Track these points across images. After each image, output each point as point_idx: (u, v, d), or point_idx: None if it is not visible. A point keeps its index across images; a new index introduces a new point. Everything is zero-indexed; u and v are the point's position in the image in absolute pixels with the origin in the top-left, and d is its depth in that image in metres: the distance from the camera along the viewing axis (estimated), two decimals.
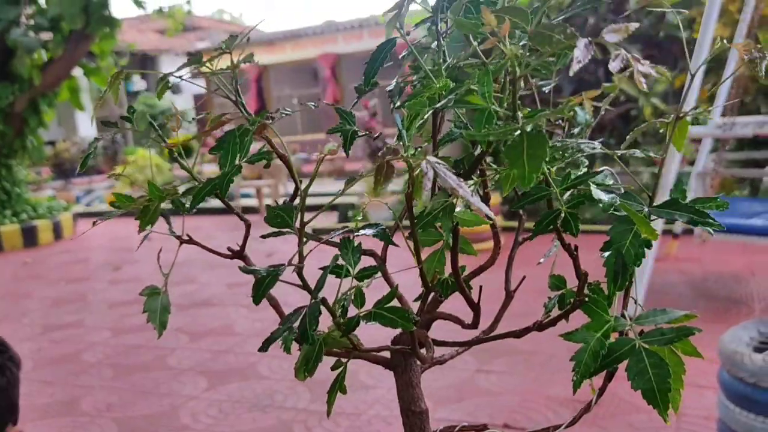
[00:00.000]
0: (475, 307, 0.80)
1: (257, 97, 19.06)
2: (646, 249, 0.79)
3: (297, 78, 19.53)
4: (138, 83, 19.13)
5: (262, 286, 0.74)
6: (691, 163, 5.67)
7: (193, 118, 1.11)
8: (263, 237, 0.88)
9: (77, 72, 10.69)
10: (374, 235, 0.80)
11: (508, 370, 3.90)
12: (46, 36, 9.94)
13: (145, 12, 10.99)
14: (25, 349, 5.05)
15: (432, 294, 0.84)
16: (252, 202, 11.04)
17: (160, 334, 0.81)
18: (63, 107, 12.48)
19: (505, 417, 3.33)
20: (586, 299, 0.75)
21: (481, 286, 1.01)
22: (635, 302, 0.84)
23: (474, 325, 0.82)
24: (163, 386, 4.15)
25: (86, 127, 16.70)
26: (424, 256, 0.87)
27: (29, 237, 9.84)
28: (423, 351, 0.74)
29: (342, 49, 17.96)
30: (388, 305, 0.73)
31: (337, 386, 0.78)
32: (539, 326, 0.80)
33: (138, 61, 18.83)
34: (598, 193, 0.73)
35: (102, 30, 9.72)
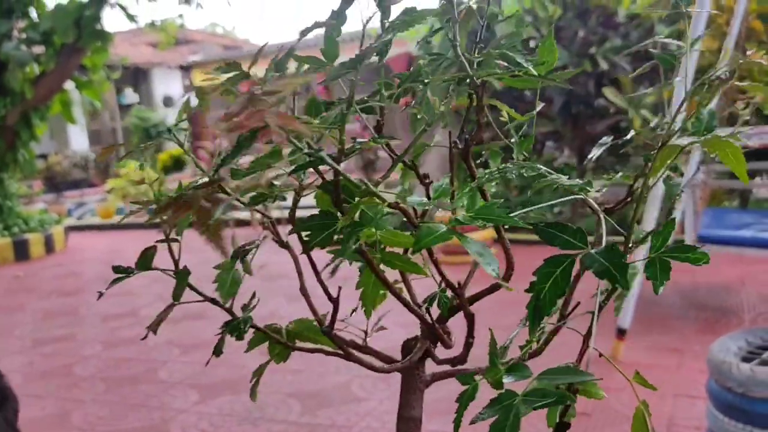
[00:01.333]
0: (468, 340, 0.82)
1: None
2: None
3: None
4: (130, 96, 19.15)
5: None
6: (681, 174, 5.71)
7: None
8: None
9: (69, 85, 10.70)
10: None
11: None
12: (38, 49, 9.95)
13: (137, 26, 11.02)
14: (16, 363, 5.03)
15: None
16: (244, 214, 11.04)
17: (225, 301, 0.85)
18: (55, 120, 12.48)
19: None
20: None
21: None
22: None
23: (462, 359, 0.83)
24: (153, 399, 4.13)
25: (78, 140, 16.71)
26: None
27: (21, 250, 9.81)
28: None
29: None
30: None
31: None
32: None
33: (130, 74, 18.85)
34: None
35: (94, 43, 9.74)
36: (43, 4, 10.02)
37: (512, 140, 0.95)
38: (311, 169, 0.79)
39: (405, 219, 0.77)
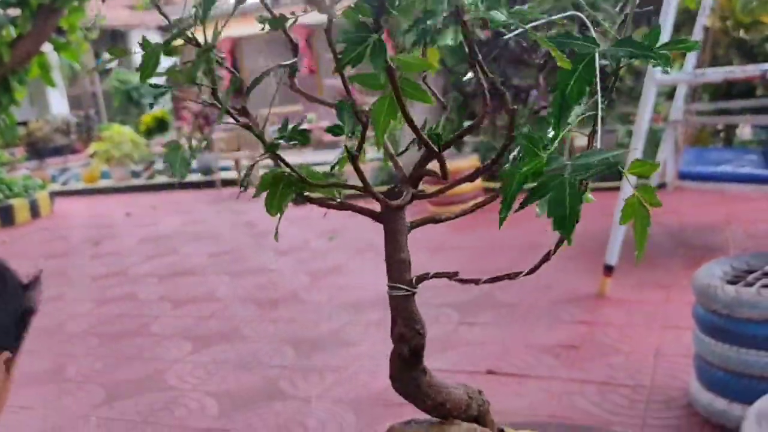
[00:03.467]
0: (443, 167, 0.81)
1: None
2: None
3: (271, 50, 19.33)
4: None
5: None
6: (665, 119, 5.72)
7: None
8: None
9: (47, 48, 10.50)
10: None
11: (490, 322, 3.96)
12: (14, 12, 9.73)
13: None
14: None
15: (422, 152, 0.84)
16: (231, 175, 10.99)
17: (180, 179, 0.84)
18: (34, 87, 12.28)
19: (489, 364, 3.38)
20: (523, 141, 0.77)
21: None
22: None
23: (443, 176, 0.82)
24: (147, 352, 4.16)
25: (58, 105, 16.47)
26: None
27: (6, 216, 9.74)
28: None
29: (317, 19, 17.73)
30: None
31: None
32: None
33: (108, 36, 18.51)
34: None
35: (71, 4, 9.54)
36: None
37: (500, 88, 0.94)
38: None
39: None
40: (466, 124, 0.87)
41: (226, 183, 10.75)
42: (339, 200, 0.58)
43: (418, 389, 0.62)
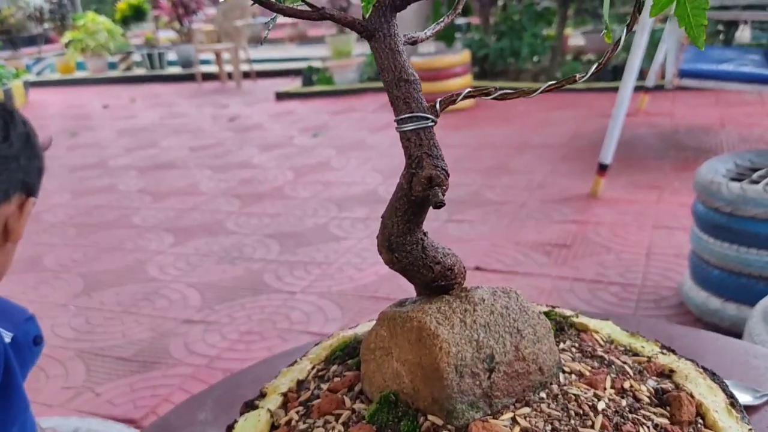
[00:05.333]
0: None
1: None
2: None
3: None
4: None
5: None
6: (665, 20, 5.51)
7: None
8: None
9: None
10: None
11: (478, 219, 3.88)
12: None
13: None
14: None
15: None
16: (212, 68, 10.63)
17: None
18: None
19: (477, 261, 3.32)
20: None
21: None
22: None
23: None
24: (128, 243, 4.06)
25: None
26: None
27: None
28: None
29: None
30: None
31: None
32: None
33: None
34: None
35: None
36: None
37: None
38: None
39: None
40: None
41: (207, 76, 10.41)
42: (318, 8, 0.44)
43: (424, 254, 0.51)
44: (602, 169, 3.92)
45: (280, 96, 8.54)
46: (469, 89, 0.47)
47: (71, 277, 3.62)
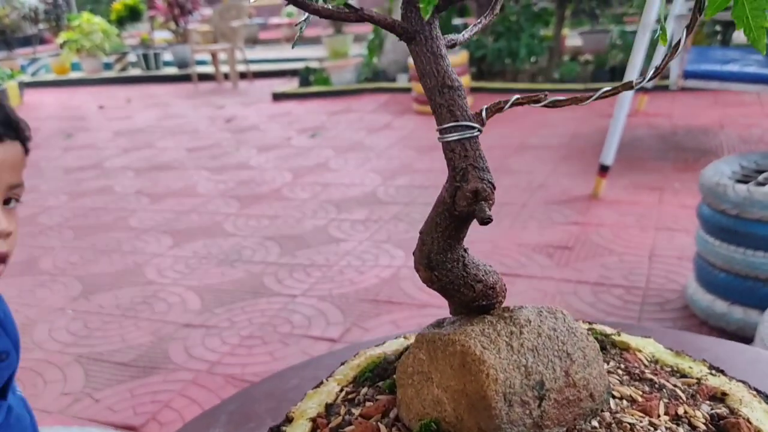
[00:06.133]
0: None
1: None
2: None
3: None
4: None
5: None
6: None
7: None
8: None
9: None
10: None
11: None
12: None
13: None
14: None
15: None
16: (208, 69, 10.58)
17: None
18: None
19: None
20: None
21: None
22: None
23: None
24: (125, 245, 4.02)
25: None
26: None
27: None
28: None
29: None
30: None
31: None
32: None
33: None
34: None
35: None
36: None
37: None
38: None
39: None
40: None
41: (203, 77, 10.36)
42: (357, 9, 0.41)
43: (465, 271, 0.48)
44: (603, 170, 3.90)
45: (277, 97, 8.50)
46: (517, 96, 0.44)
47: (69, 280, 3.58)
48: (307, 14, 0.45)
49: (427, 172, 4.81)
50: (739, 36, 7.47)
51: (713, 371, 0.53)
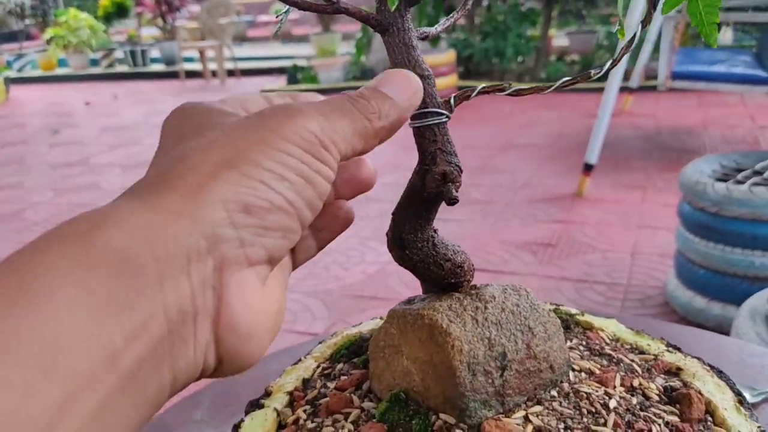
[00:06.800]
0: None
1: None
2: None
3: None
4: None
5: None
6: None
7: None
8: None
9: None
10: None
11: (465, 218, 3.89)
12: None
13: None
14: None
15: None
16: (196, 66, 10.57)
17: None
18: None
19: None
20: None
21: None
22: None
23: None
24: None
25: None
26: None
27: None
28: None
29: None
30: None
31: None
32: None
33: None
34: None
35: None
36: None
37: None
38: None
39: None
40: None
41: (191, 74, 10.35)
42: (333, 1, 0.43)
43: (434, 251, 0.50)
44: (588, 169, 3.94)
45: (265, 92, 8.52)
46: (483, 85, 0.47)
47: None
48: (287, 6, 0.47)
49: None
50: (724, 38, 7.56)
51: (670, 348, 0.56)
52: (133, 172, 5.49)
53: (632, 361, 0.52)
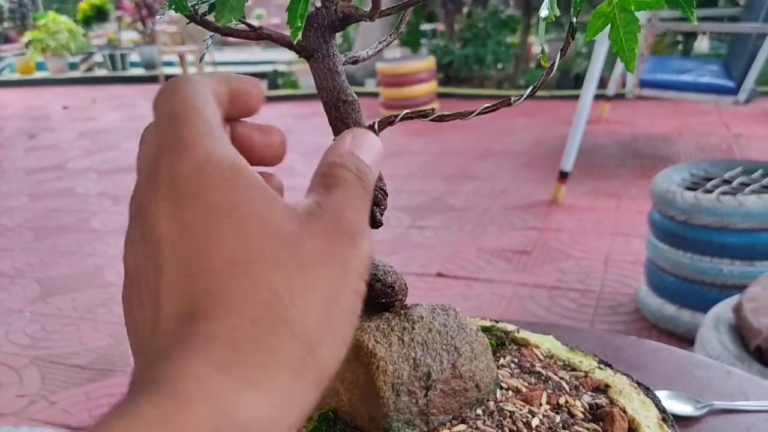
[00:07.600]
0: None
1: None
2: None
3: None
4: None
5: None
6: None
7: None
8: None
9: None
10: None
11: (441, 226, 3.90)
12: None
13: None
14: None
15: None
16: (176, 70, 10.53)
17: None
18: None
19: (438, 267, 3.34)
20: None
21: None
22: None
23: None
24: (86, 247, 4.00)
25: None
26: None
27: None
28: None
29: None
30: None
31: None
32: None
33: None
34: None
35: None
36: None
37: None
38: None
39: None
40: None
41: (170, 79, 10.29)
42: (256, 28, 0.44)
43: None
44: (563, 176, 3.97)
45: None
46: (407, 111, 0.48)
47: (27, 282, 3.55)
48: (211, 33, 0.48)
49: (394, 177, 4.85)
50: (700, 46, 7.65)
51: (601, 365, 0.57)
52: (109, 177, 5.46)
53: (561, 378, 0.53)
